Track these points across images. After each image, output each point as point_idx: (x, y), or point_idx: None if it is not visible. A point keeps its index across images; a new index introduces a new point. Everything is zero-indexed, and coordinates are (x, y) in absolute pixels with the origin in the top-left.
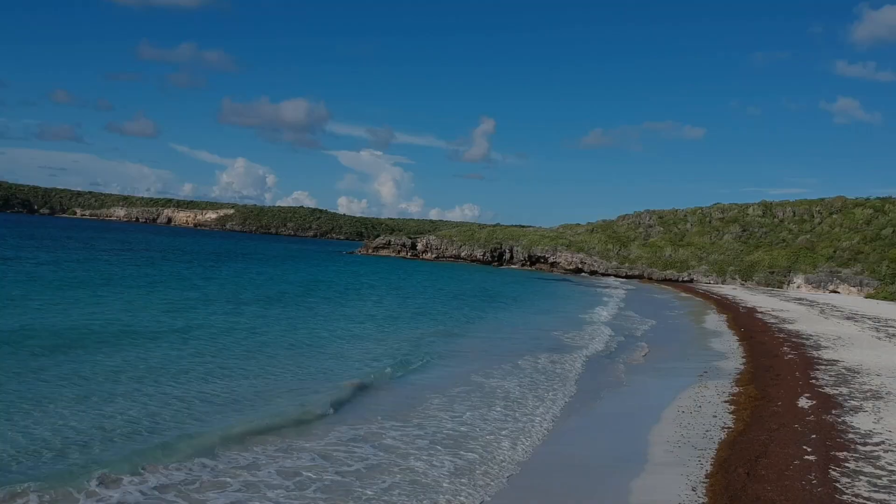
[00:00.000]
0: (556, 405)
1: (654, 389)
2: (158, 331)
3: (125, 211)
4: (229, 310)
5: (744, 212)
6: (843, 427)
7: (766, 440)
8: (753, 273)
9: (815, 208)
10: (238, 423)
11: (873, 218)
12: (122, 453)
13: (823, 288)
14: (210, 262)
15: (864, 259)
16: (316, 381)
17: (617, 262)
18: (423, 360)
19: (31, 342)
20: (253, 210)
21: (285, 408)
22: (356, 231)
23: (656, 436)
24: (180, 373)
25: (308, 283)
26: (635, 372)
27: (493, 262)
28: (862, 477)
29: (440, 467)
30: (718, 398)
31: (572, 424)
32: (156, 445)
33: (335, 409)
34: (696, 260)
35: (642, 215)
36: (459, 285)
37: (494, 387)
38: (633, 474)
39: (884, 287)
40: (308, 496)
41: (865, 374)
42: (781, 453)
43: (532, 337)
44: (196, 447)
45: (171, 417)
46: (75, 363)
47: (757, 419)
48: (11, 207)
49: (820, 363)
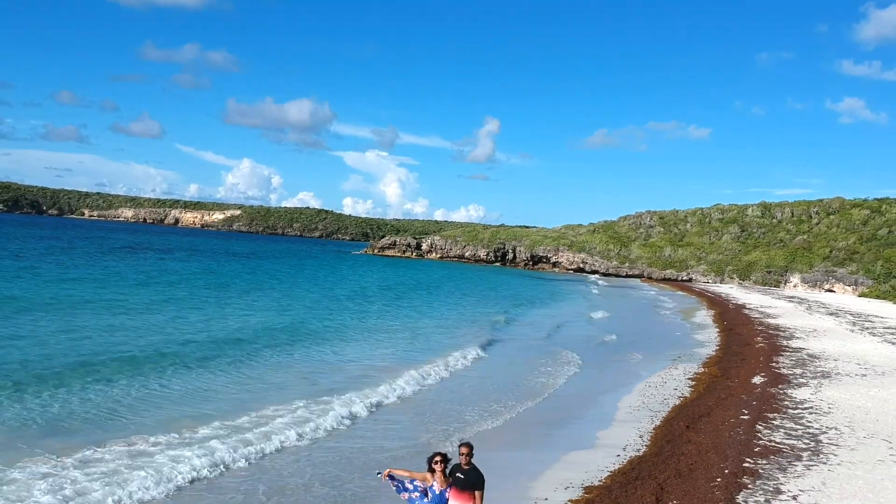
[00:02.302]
0: (559, 380)
1: (633, 370)
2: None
3: (133, 212)
4: (365, 306)
5: (743, 212)
6: (782, 397)
7: (713, 405)
8: (751, 272)
9: (812, 209)
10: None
11: (870, 218)
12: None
13: (819, 287)
14: (254, 262)
15: (860, 259)
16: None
17: (617, 261)
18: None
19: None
20: (260, 211)
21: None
22: (362, 232)
23: (624, 403)
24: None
25: (383, 282)
26: (621, 357)
27: (497, 261)
28: (781, 430)
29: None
30: (683, 376)
31: (570, 390)
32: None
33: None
34: (694, 260)
35: (643, 216)
36: (494, 290)
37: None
38: (601, 427)
39: (877, 286)
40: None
41: (824, 360)
42: (722, 414)
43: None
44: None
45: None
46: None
47: (710, 391)
48: (21, 208)
49: (786, 350)
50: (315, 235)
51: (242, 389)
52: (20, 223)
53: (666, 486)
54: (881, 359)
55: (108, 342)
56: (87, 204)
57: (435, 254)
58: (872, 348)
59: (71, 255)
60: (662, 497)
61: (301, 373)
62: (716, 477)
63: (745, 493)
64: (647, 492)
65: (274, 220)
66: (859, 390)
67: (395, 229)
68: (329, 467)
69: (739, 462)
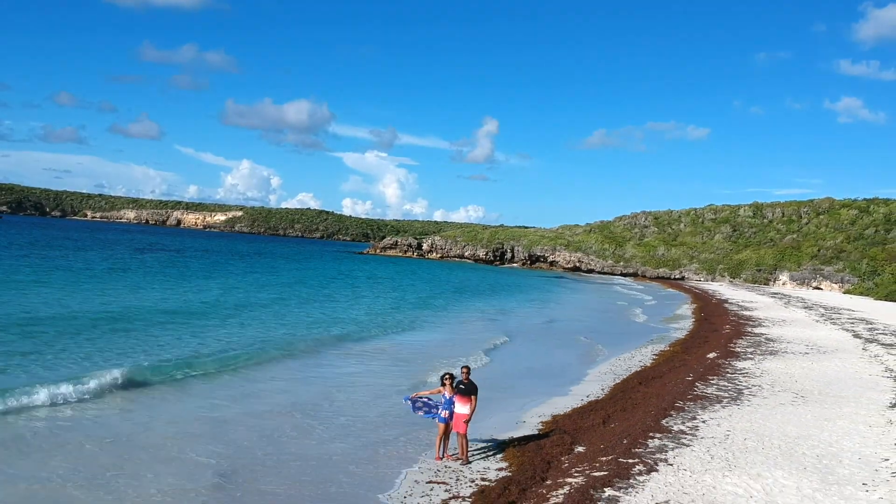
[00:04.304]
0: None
1: (609, 350)
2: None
3: (135, 213)
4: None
5: (735, 212)
6: (727, 366)
7: (666, 371)
8: (741, 271)
9: (803, 209)
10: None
11: (858, 218)
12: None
13: (807, 284)
14: (281, 263)
15: (847, 257)
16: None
17: (612, 260)
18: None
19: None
20: (261, 212)
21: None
22: (362, 232)
23: (595, 370)
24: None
25: (434, 281)
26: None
27: (496, 261)
28: (714, 386)
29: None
30: (650, 353)
31: (558, 360)
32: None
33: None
34: (687, 259)
35: (638, 216)
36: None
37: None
38: (574, 383)
39: (860, 283)
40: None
41: (778, 342)
42: (671, 377)
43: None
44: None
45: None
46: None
47: (667, 362)
48: (24, 210)
49: (748, 335)
50: (316, 236)
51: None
52: (32, 225)
53: (612, 415)
54: (830, 342)
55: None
56: (90, 205)
57: (435, 254)
58: (827, 334)
59: (152, 261)
60: (608, 420)
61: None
62: (650, 411)
63: (668, 419)
64: (597, 417)
65: (275, 221)
66: (795, 363)
67: (394, 230)
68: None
69: (672, 403)
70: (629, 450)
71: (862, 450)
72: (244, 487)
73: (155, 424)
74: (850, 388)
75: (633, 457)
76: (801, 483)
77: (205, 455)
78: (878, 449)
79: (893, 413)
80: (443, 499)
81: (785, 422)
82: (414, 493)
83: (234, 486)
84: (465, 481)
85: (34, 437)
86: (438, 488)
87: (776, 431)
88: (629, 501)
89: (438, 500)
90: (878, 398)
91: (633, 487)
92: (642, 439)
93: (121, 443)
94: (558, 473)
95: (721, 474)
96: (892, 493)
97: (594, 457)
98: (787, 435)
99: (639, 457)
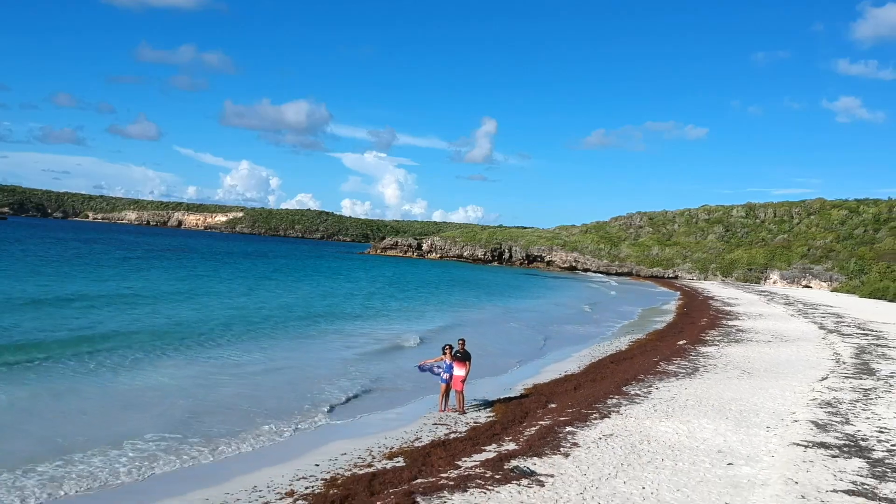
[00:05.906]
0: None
1: (593, 340)
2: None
3: (136, 214)
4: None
5: (728, 213)
6: (692, 350)
7: (637, 354)
8: (733, 270)
9: (794, 209)
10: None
11: (848, 218)
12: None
13: (797, 283)
14: (301, 263)
15: (836, 256)
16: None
17: (608, 260)
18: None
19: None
20: (262, 213)
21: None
22: (362, 233)
23: (576, 354)
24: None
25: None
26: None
27: (494, 260)
28: (676, 365)
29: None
30: (627, 341)
31: (547, 345)
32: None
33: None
34: (680, 258)
35: (633, 217)
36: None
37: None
38: (556, 363)
39: (848, 282)
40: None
41: (747, 332)
42: (641, 359)
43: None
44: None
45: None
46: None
47: (640, 347)
48: (26, 211)
49: (722, 327)
50: (316, 237)
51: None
52: (38, 226)
53: (583, 384)
54: (796, 333)
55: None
56: (91, 206)
57: (435, 254)
58: (796, 326)
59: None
60: (578, 388)
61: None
62: (615, 381)
63: (628, 386)
64: (570, 385)
65: (276, 221)
66: (755, 348)
67: (394, 230)
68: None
69: (634, 376)
70: (591, 405)
71: (779, 408)
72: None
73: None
74: (795, 367)
75: (593, 409)
76: (719, 426)
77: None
78: (793, 407)
79: (821, 384)
80: (444, 433)
81: (725, 389)
82: (423, 429)
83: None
84: (461, 423)
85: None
86: (442, 428)
87: (714, 396)
88: (583, 434)
89: (441, 434)
90: (813, 374)
91: (588, 426)
92: (603, 399)
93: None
94: (533, 419)
95: (659, 420)
96: (787, 432)
97: (562, 410)
98: (722, 398)
99: (597, 409)
